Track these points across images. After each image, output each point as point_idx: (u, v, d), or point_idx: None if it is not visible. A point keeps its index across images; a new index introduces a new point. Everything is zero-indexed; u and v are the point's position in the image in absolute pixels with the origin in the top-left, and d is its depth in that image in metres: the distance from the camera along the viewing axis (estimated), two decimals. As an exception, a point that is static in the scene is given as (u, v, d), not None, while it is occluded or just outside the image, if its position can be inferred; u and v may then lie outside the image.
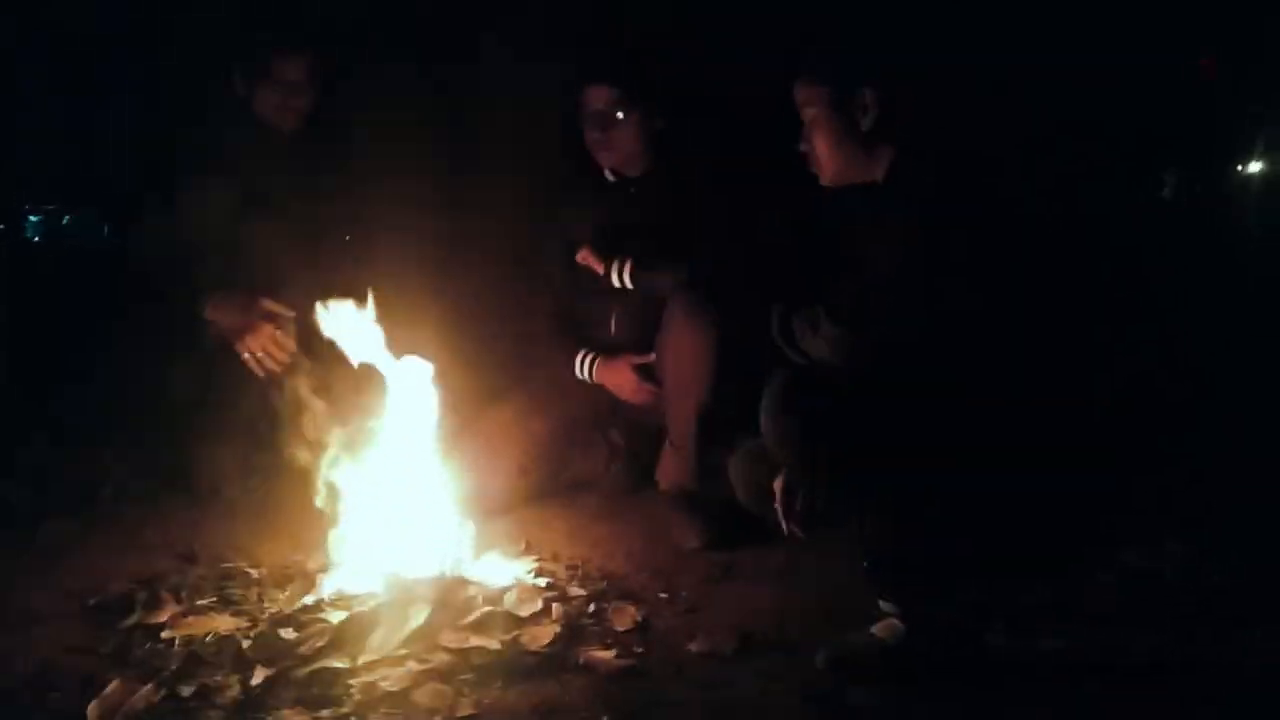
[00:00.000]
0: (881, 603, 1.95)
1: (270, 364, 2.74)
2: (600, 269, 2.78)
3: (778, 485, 2.11)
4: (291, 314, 2.75)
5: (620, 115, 2.78)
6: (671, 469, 2.71)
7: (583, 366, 2.85)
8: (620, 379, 2.82)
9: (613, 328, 2.86)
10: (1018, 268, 2.02)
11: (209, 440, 2.85)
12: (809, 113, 2.12)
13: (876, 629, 1.93)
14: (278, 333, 2.75)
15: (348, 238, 3.04)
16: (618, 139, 2.81)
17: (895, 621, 1.92)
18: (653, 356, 2.75)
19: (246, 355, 2.74)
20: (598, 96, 2.79)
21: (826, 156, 2.11)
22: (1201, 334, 3.89)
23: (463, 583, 2.16)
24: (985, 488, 1.93)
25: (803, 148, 2.15)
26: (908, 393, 1.90)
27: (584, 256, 2.81)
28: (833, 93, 2.08)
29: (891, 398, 1.91)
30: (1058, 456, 2.12)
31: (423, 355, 2.35)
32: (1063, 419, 2.16)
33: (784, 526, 2.13)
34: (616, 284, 2.76)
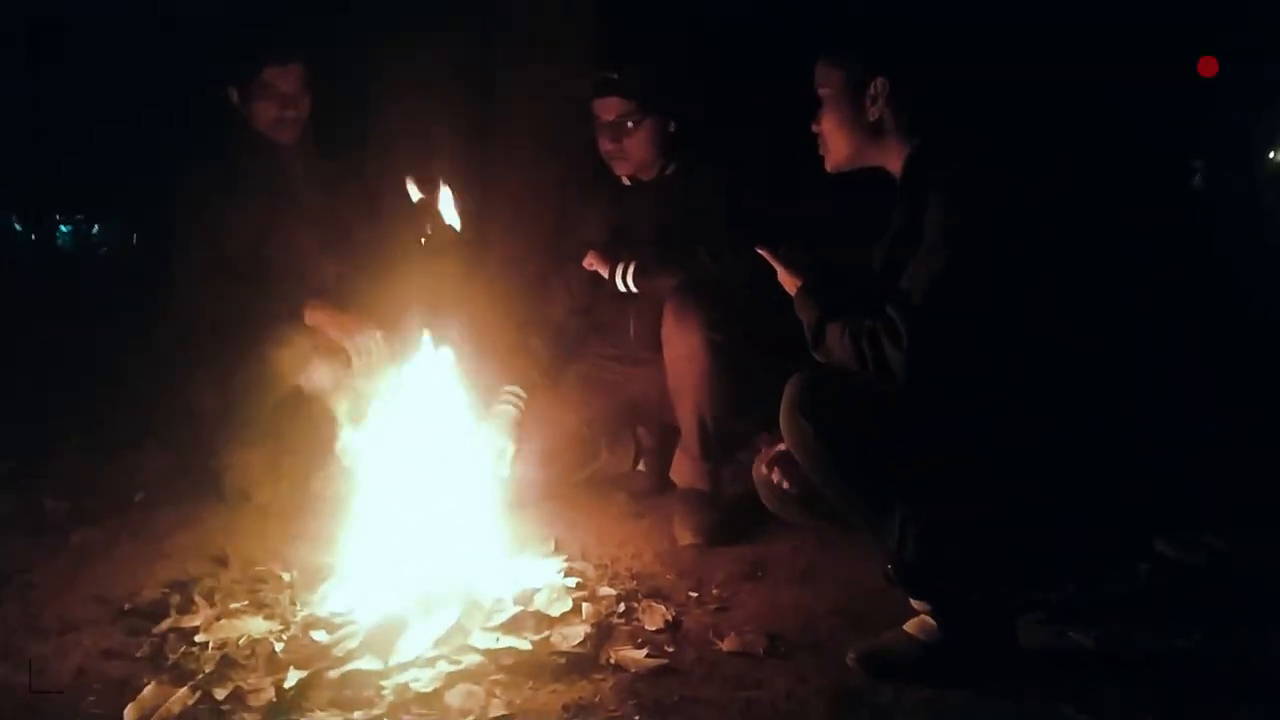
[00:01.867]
0: (913, 601, 1.94)
1: (376, 363, 2.80)
2: (606, 272, 2.80)
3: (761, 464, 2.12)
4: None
5: (631, 125, 2.79)
6: (682, 469, 2.73)
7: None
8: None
9: (631, 329, 2.86)
10: (1046, 262, 1.99)
11: (238, 445, 2.87)
12: (823, 93, 2.10)
13: (908, 626, 1.92)
14: (380, 334, 2.83)
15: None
16: (630, 148, 2.82)
17: (927, 619, 1.91)
18: None
19: (355, 353, 2.82)
20: (609, 108, 2.80)
21: (833, 140, 2.09)
22: (1233, 326, 3.85)
23: (493, 583, 2.17)
24: (1015, 484, 1.91)
25: (814, 127, 2.12)
26: (932, 390, 1.88)
27: (590, 260, 2.83)
28: (847, 77, 2.05)
29: (915, 395, 1.89)
30: (1090, 451, 2.10)
31: (449, 350, 2.38)
32: (1094, 412, 2.13)
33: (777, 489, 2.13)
34: (621, 288, 2.77)
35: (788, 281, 2.13)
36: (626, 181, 2.91)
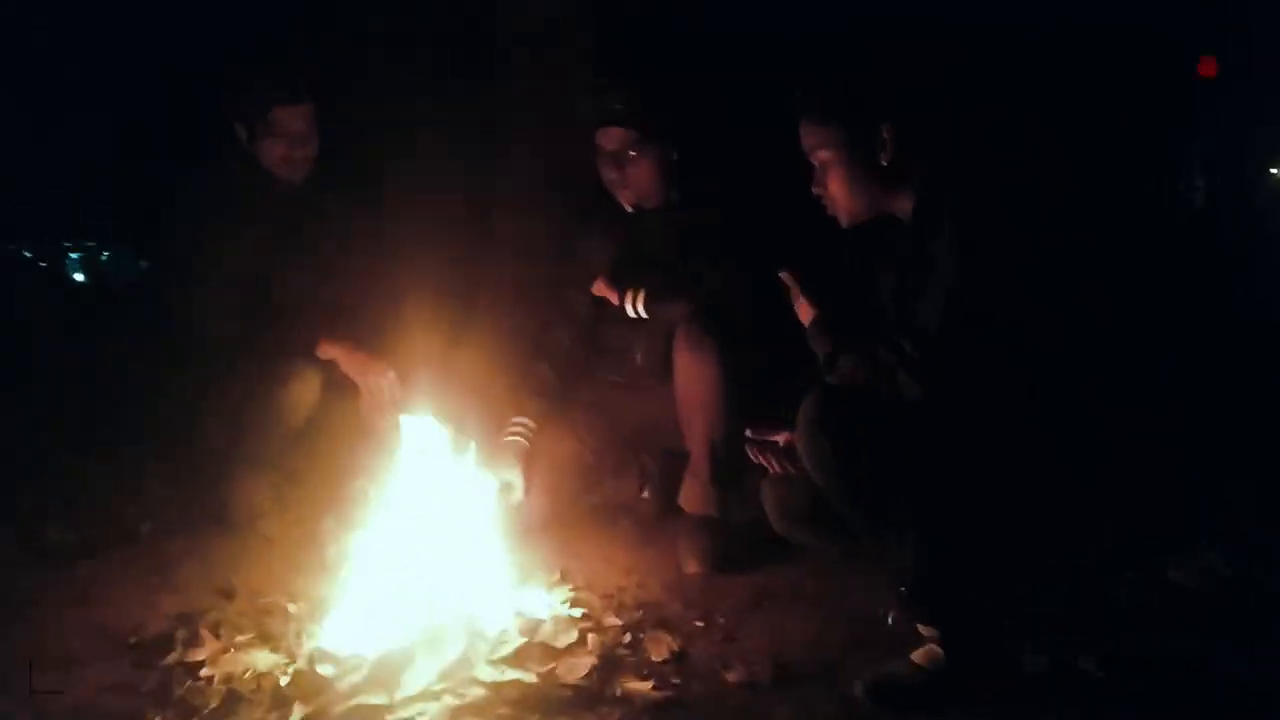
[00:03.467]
0: (921, 628, 1.93)
1: (387, 402, 2.84)
2: (615, 299, 2.80)
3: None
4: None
5: (634, 154, 2.80)
6: (691, 495, 2.72)
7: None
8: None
9: (639, 357, 2.86)
10: (1055, 284, 1.99)
11: (244, 475, 2.88)
12: (824, 155, 2.03)
13: (915, 656, 1.91)
14: (393, 374, 2.86)
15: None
16: (634, 177, 2.82)
17: (935, 648, 1.90)
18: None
19: (367, 391, 2.85)
20: (611, 138, 2.81)
21: (845, 199, 2.04)
22: (1232, 342, 3.84)
23: (498, 614, 2.16)
24: (1024, 509, 1.91)
25: (815, 191, 2.07)
26: (947, 413, 1.88)
27: (599, 287, 2.83)
28: (849, 133, 2.00)
29: (930, 418, 1.89)
30: (1096, 474, 2.10)
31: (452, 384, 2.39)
32: (1101, 435, 2.13)
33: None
34: (631, 314, 2.78)
35: (803, 310, 2.13)
36: (629, 209, 2.92)
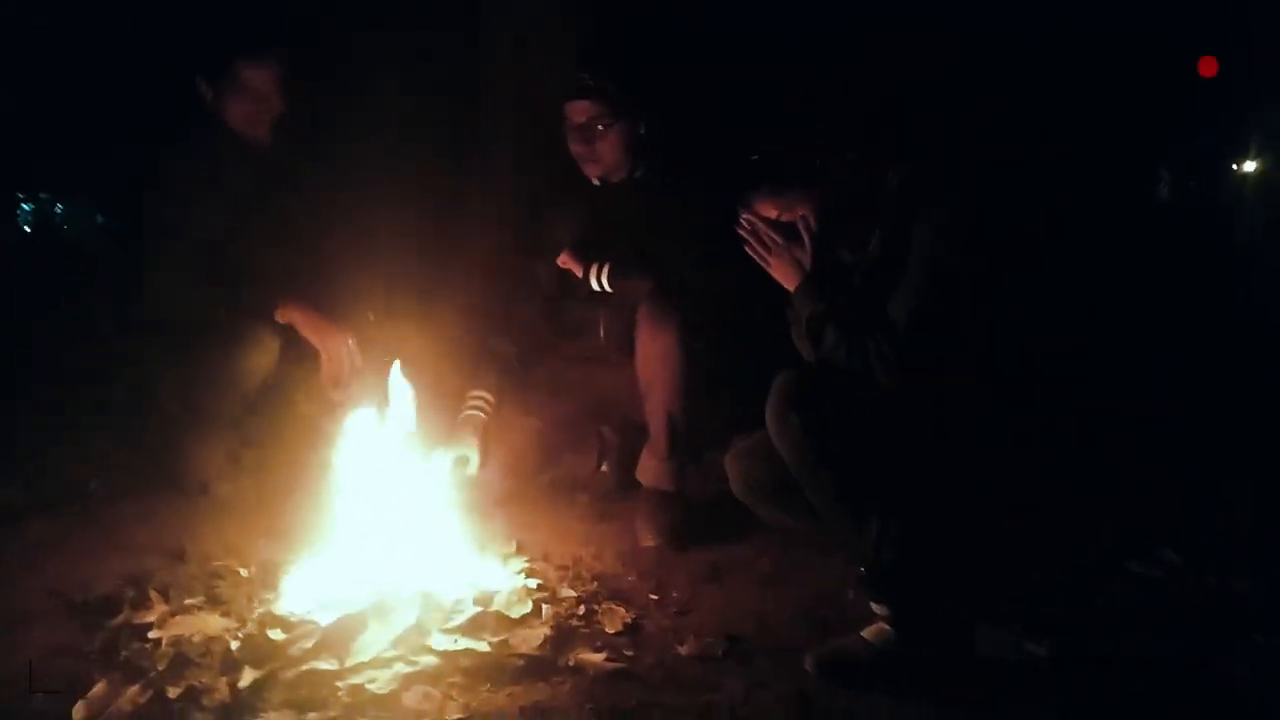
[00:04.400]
0: (874, 605, 1.95)
1: (346, 368, 2.81)
2: (580, 272, 2.79)
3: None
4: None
5: (602, 128, 2.79)
6: (648, 470, 2.73)
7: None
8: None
9: (601, 330, 2.86)
10: (1030, 284, 2.02)
11: (198, 437, 2.84)
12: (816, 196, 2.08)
13: (866, 633, 1.94)
14: (352, 340, 2.83)
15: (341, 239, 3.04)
16: (601, 151, 2.81)
17: (885, 626, 1.92)
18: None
19: (326, 357, 2.81)
20: (579, 111, 2.80)
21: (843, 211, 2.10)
22: (1202, 339, 3.90)
23: (452, 584, 2.16)
24: (990, 494, 1.93)
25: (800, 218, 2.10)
26: (920, 401, 1.90)
27: (564, 260, 2.82)
28: (853, 167, 2.06)
29: (901, 400, 1.91)
30: (1063, 465, 2.13)
31: (418, 354, 2.37)
32: (1071, 426, 2.16)
33: None
34: (595, 288, 2.77)
35: (784, 276, 2.12)
36: (596, 183, 2.90)
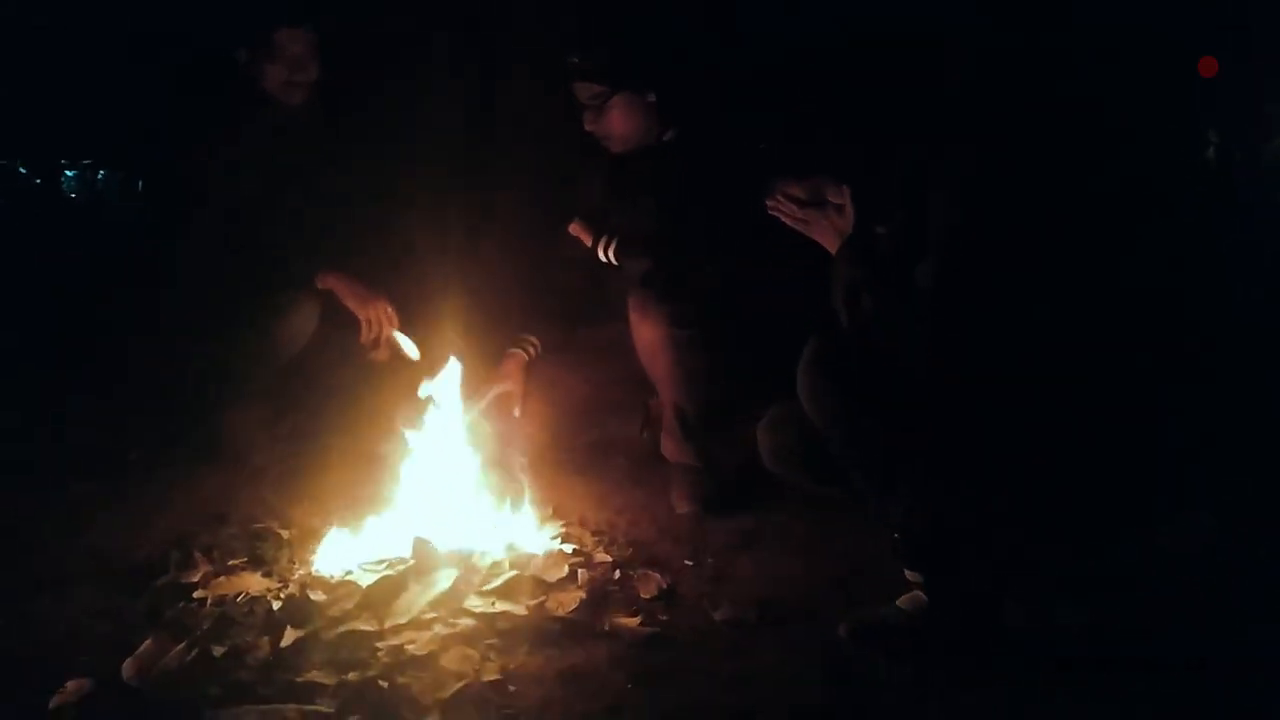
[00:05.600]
0: (907, 573, 1.95)
1: (385, 336, 2.83)
2: (589, 242, 2.79)
3: None
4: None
5: (603, 104, 2.77)
6: (670, 446, 2.74)
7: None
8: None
9: (612, 301, 2.85)
10: (1051, 256, 1.99)
11: (236, 406, 2.88)
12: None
13: (900, 601, 1.94)
14: (391, 308, 2.85)
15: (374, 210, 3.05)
16: (609, 125, 2.79)
17: (920, 594, 1.92)
18: None
19: (366, 324, 2.83)
20: (579, 92, 2.80)
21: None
22: (1235, 309, 3.82)
23: (489, 547, 2.18)
24: (1020, 461, 1.92)
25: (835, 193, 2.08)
26: (949, 363, 1.89)
27: (575, 228, 2.82)
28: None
29: (932, 367, 1.90)
30: (1091, 430, 2.10)
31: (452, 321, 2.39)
32: (1098, 392, 2.12)
33: None
34: (602, 259, 2.78)
35: (825, 239, 2.10)
36: (614, 154, 2.89)
